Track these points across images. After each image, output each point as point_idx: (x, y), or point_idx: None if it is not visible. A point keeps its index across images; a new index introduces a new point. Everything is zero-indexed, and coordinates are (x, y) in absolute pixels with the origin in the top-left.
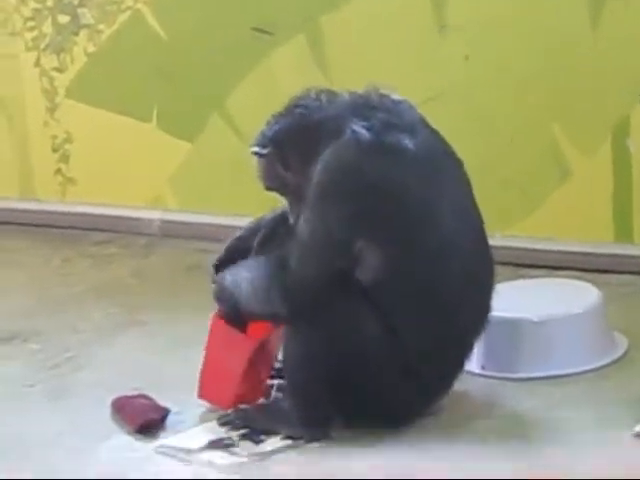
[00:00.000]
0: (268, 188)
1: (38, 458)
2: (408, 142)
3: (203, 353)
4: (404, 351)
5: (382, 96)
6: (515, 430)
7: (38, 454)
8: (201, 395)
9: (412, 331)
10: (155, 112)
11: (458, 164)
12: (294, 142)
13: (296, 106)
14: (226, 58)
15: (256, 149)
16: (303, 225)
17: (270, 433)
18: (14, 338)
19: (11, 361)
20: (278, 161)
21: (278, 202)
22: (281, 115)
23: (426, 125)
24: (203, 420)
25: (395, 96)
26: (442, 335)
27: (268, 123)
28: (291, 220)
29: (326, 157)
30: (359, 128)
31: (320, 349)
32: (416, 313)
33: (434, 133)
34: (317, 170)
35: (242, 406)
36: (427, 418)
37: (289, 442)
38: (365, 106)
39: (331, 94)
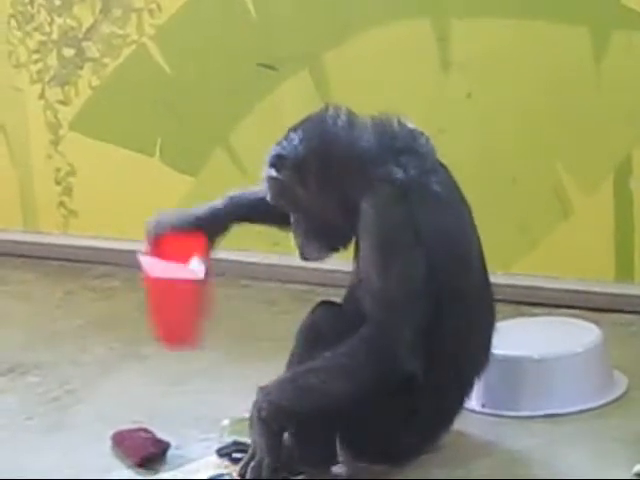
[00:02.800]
0: (277, 205)
1: None
2: (439, 188)
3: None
4: (406, 389)
5: (401, 126)
6: (514, 468)
7: None
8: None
9: (419, 372)
10: (158, 146)
11: (468, 206)
12: (317, 169)
13: (320, 129)
14: (230, 93)
15: (274, 174)
16: (385, 288)
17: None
18: (14, 370)
19: (10, 393)
20: (297, 185)
21: (279, 239)
22: (303, 135)
23: (440, 163)
24: (203, 454)
25: (411, 125)
26: (444, 374)
27: (287, 140)
28: (295, 237)
29: (374, 212)
30: (400, 177)
31: (344, 398)
32: (426, 354)
33: (447, 172)
34: (369, 226)
35: (243, 440)
36: (427, 455)
37: (289, 478)
38: (393, 144)
39: (351, 115)
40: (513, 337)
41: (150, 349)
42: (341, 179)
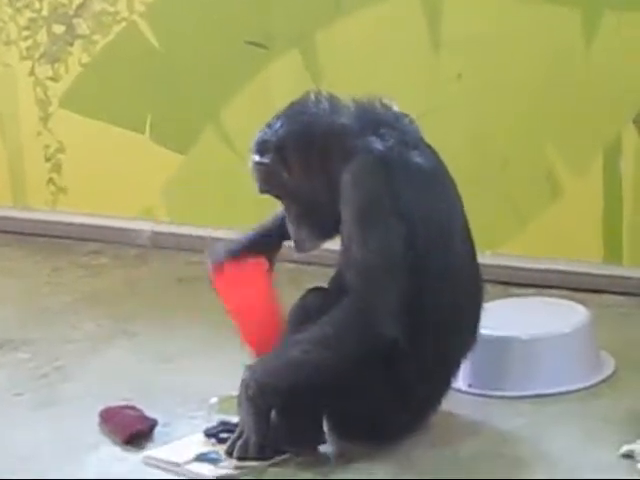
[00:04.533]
0: (263, 192)
1: (24, 468)
2: (421, 161)
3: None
4: (396, 370)
5: (385, 107)
6: (501, 448)
7: (24, 463)
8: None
9: (405, 350)
10: (148, 123)
11: (453, 184)
12: (299, 150)
13: (300, 112)
14: (221, 71)
15: (258, 159)
16: (364, 257)
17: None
18: (3, 346)
19: (0, 369)
20: (280, 167)
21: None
22: (284, 120)
23: (424, 142)
24: (191, 432)
25: (395, 108)
26: (432, 354)
27: (269, 126)
28: (288, 227)
29: (353, 180)
30: (379, 147)
31: (326, 371)
32: (410, 331)
33: (432, 151)
34: (348, 195)
35: (228, 419)
36: (414, 435)
37: (275, 457)
38: (373, 120)
39: (333, 99)
40: (501, 317)
41: (139, 326)
42: (323, 159)
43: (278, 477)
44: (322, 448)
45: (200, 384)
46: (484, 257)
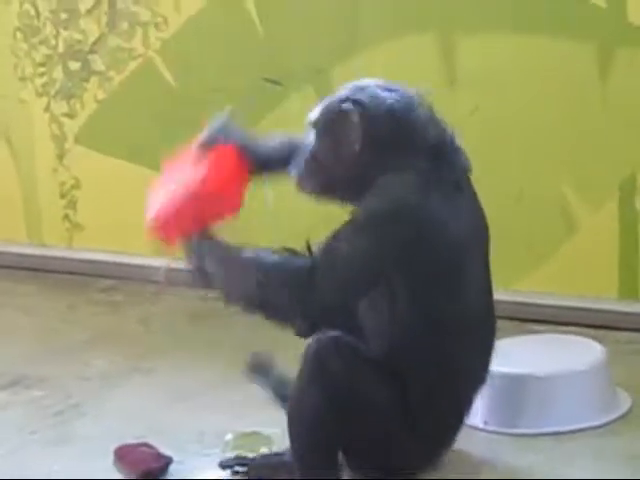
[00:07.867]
0: (314, 124)
1: None
2: (461, 201)
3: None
4: (407, 406)
5: (452, 137)
6: None
7: None
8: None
9: (417, 387)
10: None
11: (486, 232)
12: (380, 133)
13: (405, 108)
14: (235, 107)
15: (345, 108)
16: (343, 245)
17: None
18: (17, 384)
19: (14, 407)
20: (352, 129)
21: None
22: (389, 99)
23: (469, 182)
24: (205, 470)
25: (458, 141)
26: (446, 391)
27: (375, 93)
28: (298, 162)
29: (386, 190)
30: (424, 172)
31: (323, 407)
32: (423, 369)
33: (473, 194)
34: (372, 200)
35: (245, 454)
36: (428, 473)
37: None
38: (441, 148)
39: (429, 110)
40: (516, 354)
41: (154, 363)
42: (389, 156)
43: None
44: None
45: (214, 421)
46: (498, 293)
